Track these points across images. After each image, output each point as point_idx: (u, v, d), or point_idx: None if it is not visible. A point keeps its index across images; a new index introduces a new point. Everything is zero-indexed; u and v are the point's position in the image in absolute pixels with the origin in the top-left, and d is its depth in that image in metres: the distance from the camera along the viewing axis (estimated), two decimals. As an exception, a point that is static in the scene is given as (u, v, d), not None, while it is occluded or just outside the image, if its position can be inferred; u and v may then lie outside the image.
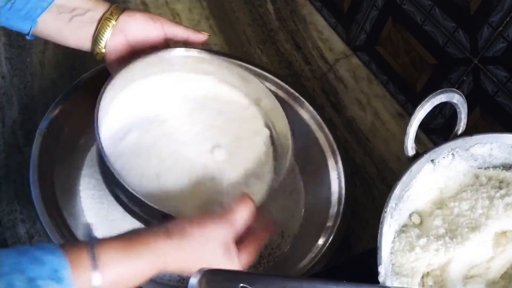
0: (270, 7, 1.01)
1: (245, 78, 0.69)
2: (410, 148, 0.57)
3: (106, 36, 0.64)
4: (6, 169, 0.69)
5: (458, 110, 0.59)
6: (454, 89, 0.57)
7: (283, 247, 0.67)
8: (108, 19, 0.63)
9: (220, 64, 0.70)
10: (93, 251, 0.44)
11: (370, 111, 0.87)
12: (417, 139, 0.57)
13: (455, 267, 0.56)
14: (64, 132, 0.68)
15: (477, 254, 0.57)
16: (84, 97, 0.71)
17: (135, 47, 0.66)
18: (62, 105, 0.68)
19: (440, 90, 0.56)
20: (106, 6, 0.64)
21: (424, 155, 0.57)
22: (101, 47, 0.64)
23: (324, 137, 0.75)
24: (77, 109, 0.70)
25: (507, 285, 0.57)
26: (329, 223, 0.67)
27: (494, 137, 0.60)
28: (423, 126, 0.78)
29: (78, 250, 0.44)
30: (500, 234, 0.58)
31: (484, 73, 0.70)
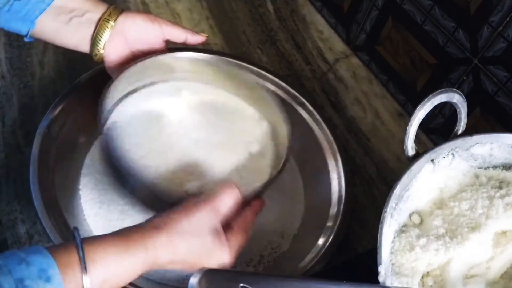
0: (270, 7, 1.01)
1: (241, 78, 0.70)
2: (410, 148, 0.57)
3: (105, 38, 0.64)
4: (6, 169, 0.69)
5: (458, 110, 0.59)
6: (454, 89, 0.57)
7: (283, 247, 0.67)
8: (107, 20, 0.63)
9: (218, 66, 0.70)
10: (81, 250, 0.44)
11: (370, 111, 0.87)
12: (417, 139, 0.57)
13: (455, 267, 0.56)
14: (64, 132, 0.68)
15: (477, 254, 0.57)
16: (84, 97, 0.71)
17: (134, 48, 0.67)
18: (62, 105, 0.68)
19: (440, 90, 0.56)
20: (105, 7, 0.64)
21: (424, 155, 0.57)
22: (100, 49, 0.64)
23: (324, 137, 0.75)
24: (77, 109, 0.70)
25: (507, 285, 0.57)
26: (329, 223, 0.67)
27: (494, 137, 0.60)
28: (423, 126, 0.78)
29: (65, 250, 0.44)
30: (500, 234, 0.58)
31: (484, 73, 0.70)
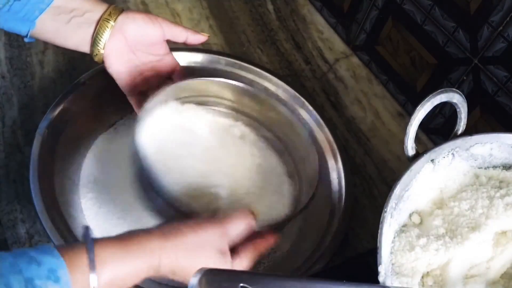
0: (270, 7, 1.01)
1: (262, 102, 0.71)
2: (410, 148, 0.57)
3: (105, 37, 0.63)
4: (6, 169, 0.69)
5: (458, 110, 0.59)
6: (454, 89, 0.57)
7: (283, 247, 0.67)
8: (107, 20, 0.63)
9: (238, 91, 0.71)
10: (91, 252, 0.44)
11: (370, 111, 0.87)
12: (417, 139, 0.57)
13: (455, 267, 0.56)
14: (64, 132, 0.68)
15: (477, 254, 0.57)
16: (85, 97, 0.71)
17: (134, 48, 0.66)
18: (62, 105, 0.68)
19: (440, 90, 0.56)
20: (105, 7, 0.64)
21: (424, 155, 0.57)
22: (100, 48, 0.64)
23: (324, 137, 0.75)
24: (77, 109, 0.70)
25: (507, 285, 0.57)
26: (329, 223, 0.67)
27: (494, 137, 0.60)
28: (423, 126, 0.78)
29: (75, 251, 0.44)
30: (500, 234, 0.58)
31: (484, 73, 0.70)
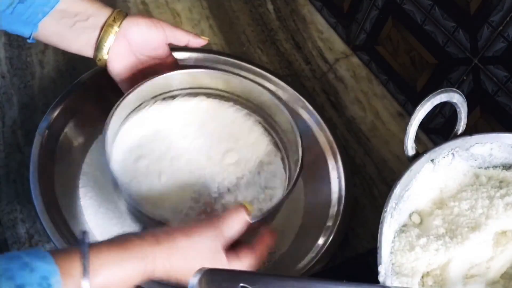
0: (270, 7, 1.01)
1: (245, 86, 0.70)
2: (410, 148, 0.57)
3: (109, 43, 0.63)
4: (6, 169, 0.69)
5: (458, 110, 0.59)
6: (454, 89, 0.57)
7: (283, 247, 0.67)
8: (111, 26, 0.63)
9: (218, 77, 0.70)
10: (85, 258, 0.44)
11: (370, 111, 0.87)
12: (417, 139, 0.57)
13: (455, 267, 0.56)
14: (64, 132, 0.68)
15: (477, 254, 0.57)
16: (85, 97, 0.71)
17: (138, 53, 0.66)
18: (62, 105, 0.68)
19: (440, 90, 0.56)
20: (109, 12, 0.64)
21: (424, 155, 0.57)
22: (104, 54, 0.64)
23: (324, 137, 0.75)
24: (77, 109, 0.70)
25: (507, 285, 0.57)
26: (329, 223, 0.67)
27: (494, 137, 0.60)
28: (423, 126, 0.78)
29: (69, 257, 0.44)
30: (500, 234, 0.58)
31: (484, 73, 0.70)
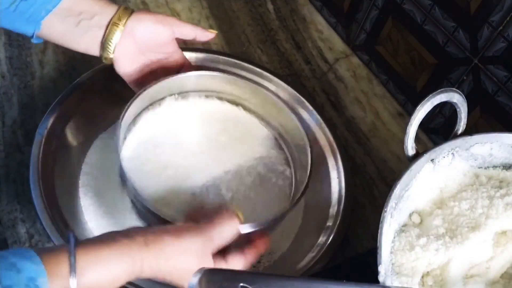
0: (270, 7, 1.01)
1: (253, 91, 0.71)
2: (410, 148, 0.57)
3: (115, 41, 0.63)
4: (6, 169, 0.69)
5: (458, 110, 0.59)
6: (454, 89, 0.57)
7: (283, 247, 0.67)
8: (116, 24, 0.62)
9: (227, 82, 0.71)
10: (72, 258, 0.44)
11: (370, 111, 0.87)
12: (417, 139, 0.57)
13: (455, 267, 0.56)
14: (64, 132, 0.68)
15: (477, 254, 0.57)
16: (85, 97, 0.71)
17: (144, 50, 0.66)
18: (62, 105, 0.68)
19: (440, 90, 0.56)
20: (113, 10, 0.63)
21: (424, 155, 0.57)
22: (110, 52, 0.63)
23: (324, 137, 0.75)
24: (77, 109, 0.70)
25: (507, 285, 0.57)
26: (329, 223, 0.67)
27: (494, 137, 0.60)
28: (423, 126, 0.78)
29: (57, 256, 0.44)
30: (500, 234, 0.58)
31: (484, 73, 0.70)
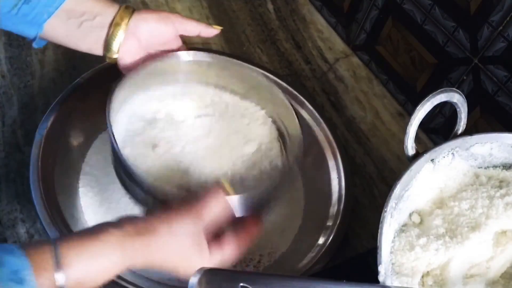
0: (270, 7, 1.01)
1: (250, 78, 0.71)
2: (410, 148, 0.57)
3: (118, 41, 0.63)
4: (6, 169, 0.69)
5: (458, 110, 0.59)
6: (454, 89, 0.57)
7: (283, 247, 0.67)
8: (118, 24, 0.62)
9: (223, 67, 0.71)
10: (56, 250, 0.43)
11: (370, 111, 0.87)
12: (417, 139, 0.57)
13: (455, 267, 0.56)
14: (64, 132, 0.68)
15: (477, 254, 0.57)
16: (85, 97, 0.71)
17: (148, 48, 0.66)
18: (62, 105, 0.68)
19: (440, 90, 0.56)
20: (115, 9, 0.63)
21: (424, 155, 0.57)
22: (114, 52, 0.63)
23: (324, 137, 0.75)
24: (77, 109, 0.70)
25: (507, 285, 0.57)
26: (329, 223, 0.67)
27: (494, 137, 0.60)
28: (423, 126, 0.78)
29: (40, 249, 0.43)
30: (500, 234, 0.58)
31: (484, 73, 0.70)
